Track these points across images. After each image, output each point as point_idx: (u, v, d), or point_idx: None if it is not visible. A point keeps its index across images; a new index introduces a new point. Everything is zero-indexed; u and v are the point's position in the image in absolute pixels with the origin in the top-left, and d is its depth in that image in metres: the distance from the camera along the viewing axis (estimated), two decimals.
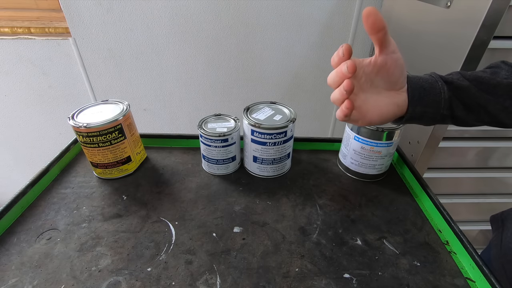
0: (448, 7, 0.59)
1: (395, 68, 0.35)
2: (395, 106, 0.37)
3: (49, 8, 0.94)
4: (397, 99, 0.37)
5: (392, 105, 0.37)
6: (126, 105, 0.53)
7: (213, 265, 0.39)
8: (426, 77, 0.38)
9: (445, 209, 0.46)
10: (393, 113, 0.37)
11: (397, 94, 0.37)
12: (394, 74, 0.35)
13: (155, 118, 1.16)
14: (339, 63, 0.34)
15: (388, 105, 0.37)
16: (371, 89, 0.37)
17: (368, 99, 0.37)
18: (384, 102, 0.37)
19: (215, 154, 0.53)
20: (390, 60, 0.34)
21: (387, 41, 0.33)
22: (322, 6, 0.93)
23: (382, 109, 0.37)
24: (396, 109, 0.37)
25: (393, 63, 0.34)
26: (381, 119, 0.37)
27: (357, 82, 0.36)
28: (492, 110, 0.37)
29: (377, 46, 0.33)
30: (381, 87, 0.37)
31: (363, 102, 0.37)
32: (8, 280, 0.36)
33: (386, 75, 0.35)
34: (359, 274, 0.38)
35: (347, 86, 0.33)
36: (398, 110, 0.37)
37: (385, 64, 0.34)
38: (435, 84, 0.37)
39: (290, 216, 0.47)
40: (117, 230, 0.44)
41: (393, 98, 0.37)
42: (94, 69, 1.03)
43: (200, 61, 1.03)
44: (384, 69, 0.35)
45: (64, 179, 0.54)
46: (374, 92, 0.37)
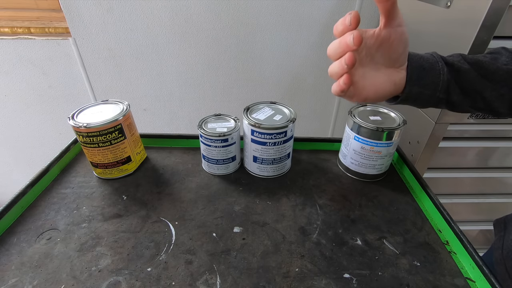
0: (448, 7, 0.59)
1: (399, 43, 0.33)
2: (393, 84, 0.36)
3: (49, 8, 0.94)
4: (395, 77, 0.36)
5: (390, 83, 0.36)
6: (126, 105, 0.53)
7: (213, 265, 0.39)
8: (428, 56, 0.37)
9: (445, 209, 0.46)
10: (389, 91, 0.36)
11: (396, 71, 0.36)
12: (396, 50, 0.33)
13: (155, 118, 1.16)
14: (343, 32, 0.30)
15: (385, 82, 0.35)
16: (370, 65, 0.35)
17: (366, 74, 0.35)
18: (381, 79, 0.35)
19: (215, 154, 0.53)
20: (395, 33, 0.32)
21: (394, 12, 0.30)
22: (322, 6, 0.93)
23: (379, 86, 0.35)
24: (393, 88, 0.36)
25: (397, 37, 0.32)
26: (377, 96, 0.36)
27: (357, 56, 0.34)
28: (488, 96, 0.37)
29: (383, 17, 0.31)
30: (380, 63, 0.35)
31: (361, 78, 0.35)
32: (8, 280, 0.36)
33: (388, 50, 0.33)
34: (359, 274, 0.38)
35: (349, 60, 0.30)
36: (395, 88, 0.36)
37: (388, 38, 0.32)
38: (436, 65, 0.36)
39: (290, 216, 0.47)
40: (117, 230, 0.44)
41: (391, 75, 0.35)
42: (94, 69, 1.03)
43: (200, 61, 1.03)
44: (387, 43, 0.33)
45: (64, 179, 0.54)
46: (373, 68, 0.35)
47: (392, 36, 0.32)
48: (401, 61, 0.35)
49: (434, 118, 0.64)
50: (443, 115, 0.63)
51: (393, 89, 0.36)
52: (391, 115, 0.54)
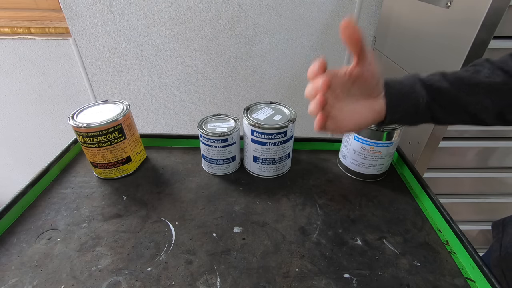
0: (448, 7, 0.59)
1: (372, 79, 0.35)
2: (373, 112, 0.37)
3: (49, 8, 0.94)
4: (375, 106, 0.37)
5: (369, 112, 0.37)
6: (126, 105, 0.53)
7: (213, 265, 0.39)
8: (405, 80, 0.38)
9: (445, 209, 0.46)
10: (371, 119, 0.38)
11: (375, 100, 0.37)
12: (370, 84, 0.36)
13: (155, 118, 1.16)
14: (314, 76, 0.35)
15: (365, 112, 0.37)
16: (348, 98, 0.37)
17: (344, 108, 0.37)
18: (360, 110, 0.37)
19: (215, 154, 0.53)
20: (367, 72, 0.35)
21: (364, 54, 0.33)
22: (322, 6, 0.93)
23: (359, 117, 0.37)
24: (375, 115, 0.38)
25: (369, 74, 0.35)
26: (359, 126, 0.38)
27: (332, 92, 0.37)
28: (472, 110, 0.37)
29: (354, 57, 0.34)
30: (357, 95, 0.37)
31: (339, 111, 0.37)
32: (8, 280, 0.36)
33: (362, 85, 0.36)
34: (359, 274, 0.38)
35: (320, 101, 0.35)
36: (377, 115, 0.38)
37: (361, 75, 0.35)
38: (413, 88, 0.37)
39: (290, 216, 0.47)
40: (117, 230, 0.44)
41: (370, 105, 0.37)
42: (94, 69, 1.03)
43: (200, 61, 1.03)
44: (360, 80, 0.35)
45: (64, 179, 0.53)
46: (351, 101, 0.37)
47: (365, 73, 0.35)
48: (377, 91, 0.37)
49: None
50: None
51: (375, 116, 0.38)
52: None
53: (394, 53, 0.81)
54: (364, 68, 0.34)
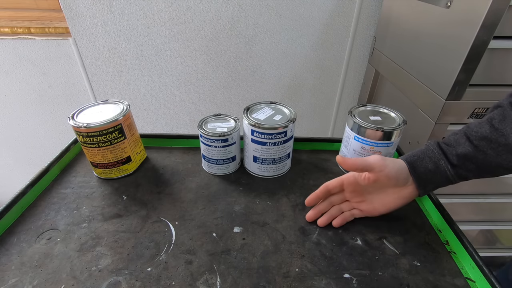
0: (448, 7, 0.59)
1: (389, 180, 0.40)
2: (403, 198, 0.41)
3: (49, 8, 0.94)
4: (404, 193, 0.41)
5: (399, 199, 0.41)
6: (126, 105, 0.53)
7: (213, 265, 0.39)
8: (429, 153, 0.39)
9: (445, 209, 0.46)
10: (401, 203, 0.41)
11: (403, 189, 0.41)
12: (389, 183, 0.40)
13: (155, 118, 1.16)
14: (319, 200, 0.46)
15: (394, 199, 0.41)
16: (376, 191, 0.42)
17: (374, 198, 0.43)
18: (390, 198, 0.41)
19: (215, 154, 0.53)
20: (381, 176, 0.39)
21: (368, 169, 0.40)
22: (322, 6, 0.93)
23: (389, 204, 0.42)
24: (406, 200, 0.41)
25: (385, 178, 0.39)
26: (390, 210, 0.42)
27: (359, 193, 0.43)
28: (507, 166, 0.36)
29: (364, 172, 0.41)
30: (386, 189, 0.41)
31: (370, 203, 0.43)
32: (8, 280, 0.36)
33: (384, 184, 0.41)
34: (359, 274, 0.38)
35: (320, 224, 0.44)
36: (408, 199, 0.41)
37: (378, 179, 0.40)
38: (439, 163, 0.38)
39: (290, 216, 0.47)
40: (117, 230, 0.44)
41: (399, 193, 0.41)
42: (94, 69, 1.03)
43: (200, 61, 1.03)
44: (380, 181, 0.40)
45: (64, 179, 0.53)
46: (380, 192, 0.42)
47: (380, 178, 0.40)
48: (402, 182, 0.40)
49: (434, 118, 0.64)
50: (443, 115, 0.63)
51: (405, 201, 0.41)
52: (391, 115, 0.54)
53: (394, 53, 0.81)
54: (378, 174, 0.39)
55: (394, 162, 0.40)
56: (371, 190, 0.42)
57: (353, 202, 0.45)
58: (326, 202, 0.45)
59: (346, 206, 0.45)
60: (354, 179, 0.42)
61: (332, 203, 0.45)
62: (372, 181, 0.40)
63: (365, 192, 0.43)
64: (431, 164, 0.38)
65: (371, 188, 0.42)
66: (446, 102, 0.61)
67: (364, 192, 0.43)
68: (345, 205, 0.45)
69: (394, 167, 0.39)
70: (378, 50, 0.91)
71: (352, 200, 0.45)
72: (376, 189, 0.42)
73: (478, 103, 0.63)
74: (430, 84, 0.65)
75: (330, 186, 0.44)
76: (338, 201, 0.46)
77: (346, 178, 0.43)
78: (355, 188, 0.43)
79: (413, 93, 0.72)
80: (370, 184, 0.41)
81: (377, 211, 0.43)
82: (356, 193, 0.44)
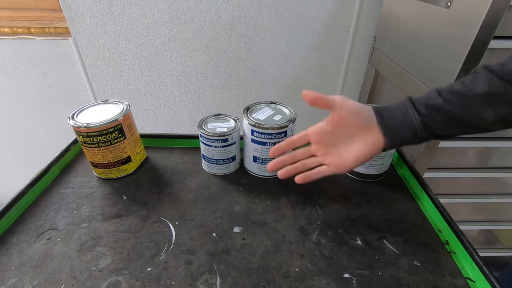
0: (448, 7, 0.58)
1: (352, 116, 0.38)
2: (370, 144, 0.38)
3: (49, 8, 0.94)
4: (369, 138, 0.38)
5: (366, 146, 0.38)
6: (126, 105, 0.53)
7: (213, 265, 0.39)
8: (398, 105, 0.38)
9: (445, 209, 0.46)
10: (369, 151, 0.39)
11: (369, 134, 0.38)
12: (353, 121, 0.38)
13: (155, 118, 1.16)
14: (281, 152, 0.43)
15: (361, 147, 0.39)
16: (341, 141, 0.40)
17: (341, 149, 0.40)
18: (357, 147, 0.39)
19: (215, 154, 0.53)
20: (344, 112, 0.38)
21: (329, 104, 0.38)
22: (322, 6, 0.93)
23: (357, 154, 0.39)
24: (372, 147, 0.38)
25: (348, 114, 0.38)
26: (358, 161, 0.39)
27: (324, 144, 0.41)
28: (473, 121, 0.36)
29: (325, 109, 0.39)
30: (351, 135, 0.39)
31: (337, 154, 0.40)
32: (8, 280, 0.36)
33: (348, 125, 0.38)
34: (359, 274, 0.38)
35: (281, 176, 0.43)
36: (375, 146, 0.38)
37: (341, 118, 0.38)
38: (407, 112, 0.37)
39: (290, 216, 0.47)
40: (117, 230, 0.44)
41: (365, 138, 0.38)
42: (94, 69, 1.03)
43: (200, 61, 1.03)
44: (343, 121, 0.38)
45: (64, 179, 0.53)
46: (346, 142, 0.39)
47: (342, 114, 0.38)
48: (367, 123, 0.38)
49: None
50: None
51: (372, 148, 0.38)
52: None
53: (394, 53, 0.81)
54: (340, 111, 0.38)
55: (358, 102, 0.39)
56: (336, 140, 0.40)
57: (320, 155, 0.42)
58: (290, 155, 0.43)
59: (312, 161, 0.42)
60: (318, 128, 0.40)
61: (296, 156, 0.43)
62: (336, 122, 0.38)
63: (331, 143, 0.40)
64: (398, 113, 0.37)
65: (336, 137, 0.40)
66: None
67: (330, 143, 0.40)
68: (311, 160, 0.42)
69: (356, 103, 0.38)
70: (378, 50, 0.91)
71: (318, 153, 0.42)
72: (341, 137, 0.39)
73: None
74: (430, 84, 0.65)
75: (294, 137, 0.42)
76: (303, 156, 0.43)
77: (310, 129, 0.41)
78: (320, 138, 0.41)
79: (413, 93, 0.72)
80: (334, 127, 0.39)
81: (345, 164, 0.40)
82: (321, 145, 0.41)
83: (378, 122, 0.38)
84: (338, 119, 0.38)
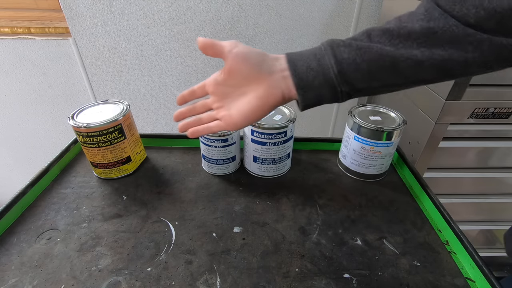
0: None
1: (241, 64, 0.33)
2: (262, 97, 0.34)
3: (49, 8, 0.94)
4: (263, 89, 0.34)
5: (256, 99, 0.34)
6: (126, 105, 0.53)
7: (213, 265, 0.39)
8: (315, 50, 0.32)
9: (445, 209, 0.46)
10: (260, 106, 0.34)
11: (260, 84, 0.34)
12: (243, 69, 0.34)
13: (155, 118, 1.16)
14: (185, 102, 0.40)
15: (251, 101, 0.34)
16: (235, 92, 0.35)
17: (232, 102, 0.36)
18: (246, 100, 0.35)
19: (215, 154, 0.53)
20: (232, 60, 0.33)
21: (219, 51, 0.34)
22: (322, 6, 0.93)
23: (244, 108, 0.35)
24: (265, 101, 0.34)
25: (236, 61, 0.33)
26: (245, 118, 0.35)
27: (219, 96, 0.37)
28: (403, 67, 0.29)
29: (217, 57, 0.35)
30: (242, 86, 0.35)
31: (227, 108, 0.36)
32: (8, 280, 0.36)
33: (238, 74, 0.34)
34: (359, 274, 0.38)
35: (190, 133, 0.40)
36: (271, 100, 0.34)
37: (231, 66, 0.34)
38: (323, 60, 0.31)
39: (290, 216, 0.47)
40: (117, 230, 0.44)
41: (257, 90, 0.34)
42: (94, 69, 1.03)
43: (200, 61, 1.03)
44: (233, 70, 0.34)
45: (64, 179, 0.54)
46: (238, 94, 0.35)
47: (232, 61, 0.34)
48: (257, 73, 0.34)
49: (434, 118, 0.64)
50: (443, 115, 0.63)
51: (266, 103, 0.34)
52: (391, 115, 0.54)
53: None
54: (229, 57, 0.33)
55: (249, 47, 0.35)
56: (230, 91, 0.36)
57: (215, 108, 0.38)
58: (189, 107, 0.40)
59: (207, 115, 0.39)
60: (213, 77, 0.37)
61: (196, 109, 0.40)
62: (227, 72, 0.34)
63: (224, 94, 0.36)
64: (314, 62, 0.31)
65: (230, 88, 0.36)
66: (446, 102, 0.61)
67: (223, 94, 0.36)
68: (207, 115, 0.39)
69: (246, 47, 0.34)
70: None
71: (214, 106, 0.38)
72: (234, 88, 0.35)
73: (478, 103, 0.63)
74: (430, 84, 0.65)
75: (195, 86, 0.39)
76: (202, 109, 0.39)
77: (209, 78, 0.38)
78: (215, 89, 0.37)
79: (413, 93, 0.72)
80: (226, 77, 0.35)
81: (232, 120, 0.35)
82: (216, 96, 0.37)
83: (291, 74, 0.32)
84: (229, 68, 0.34)
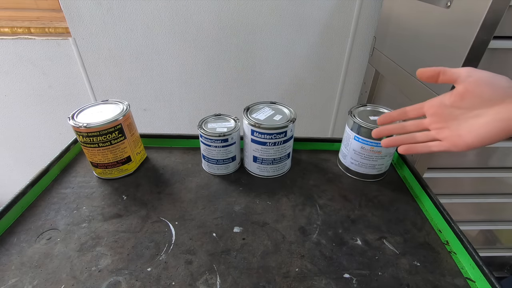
0: (448, 7, 0.58)
1: (483, 88, 0.33)
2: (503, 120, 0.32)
3: (49, 8, 0.94)
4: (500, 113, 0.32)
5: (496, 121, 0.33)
6: (126, 105, 0.53)
7: (213, 265, 0.39)
8: None
9: (445, 209, 0.46)
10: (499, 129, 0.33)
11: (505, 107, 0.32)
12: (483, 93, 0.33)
13: (155, 118, 1.16)
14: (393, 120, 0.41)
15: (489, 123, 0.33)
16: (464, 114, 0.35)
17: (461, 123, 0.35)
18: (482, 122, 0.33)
19: (215, 154, 0.53)
20: (471, 84, 0.33)
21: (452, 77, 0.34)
22: (322, 6, 0.93)
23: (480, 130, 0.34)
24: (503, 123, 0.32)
25: (474, 85, 0.33)
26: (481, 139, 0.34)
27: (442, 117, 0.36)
28: None
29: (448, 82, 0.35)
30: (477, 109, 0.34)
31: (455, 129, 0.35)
32: (8, 280, 0.36)
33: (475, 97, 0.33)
34: (359, 274, 0.38)
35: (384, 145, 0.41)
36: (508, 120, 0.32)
37: (466, 90, 0.33)
38: None
39: (290, 216, 0.47)
40: (117, 230, 0.44)
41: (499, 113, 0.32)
42: (94, 69, 1.03)
43: (200, 61, 1.03)
44: (469, 94, 0.33)
45: (64, 179, 0.54)
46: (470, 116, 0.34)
47: (468, 87, 0.33)
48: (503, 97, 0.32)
49: None
50: None
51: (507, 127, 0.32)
52: None
53: (394, 53, 0.81)
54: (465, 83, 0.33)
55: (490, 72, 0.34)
56: (458, 113, 0.35)
57: (433, 129, 0.37)
58: (399, 125, 0.40)
59: (423, 135, 0.38)
60: (438, 100, 0.36)
61: (405, 127, 0.39)
62: (460, 95, 0.33)
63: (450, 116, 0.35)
64: None
65: (458, 111, 0.35)
66: None
67: (449, 116, 0.35)
68: (422, 134, 0.38)
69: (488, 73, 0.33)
70: (378, 50, 0.91)
71: (432, 127, 0.37)
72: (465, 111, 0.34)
73: None
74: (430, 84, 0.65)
75: (407, 108, 0.38)
76: (414, 128, 0.39)
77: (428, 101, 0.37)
78: (438, 111, 0.36)
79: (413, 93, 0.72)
80: (457, 100, 0.34)
81: (463, 140, 0.34)
82: (438, 117, 0.36)
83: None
84: (463, 92, 0.33)
